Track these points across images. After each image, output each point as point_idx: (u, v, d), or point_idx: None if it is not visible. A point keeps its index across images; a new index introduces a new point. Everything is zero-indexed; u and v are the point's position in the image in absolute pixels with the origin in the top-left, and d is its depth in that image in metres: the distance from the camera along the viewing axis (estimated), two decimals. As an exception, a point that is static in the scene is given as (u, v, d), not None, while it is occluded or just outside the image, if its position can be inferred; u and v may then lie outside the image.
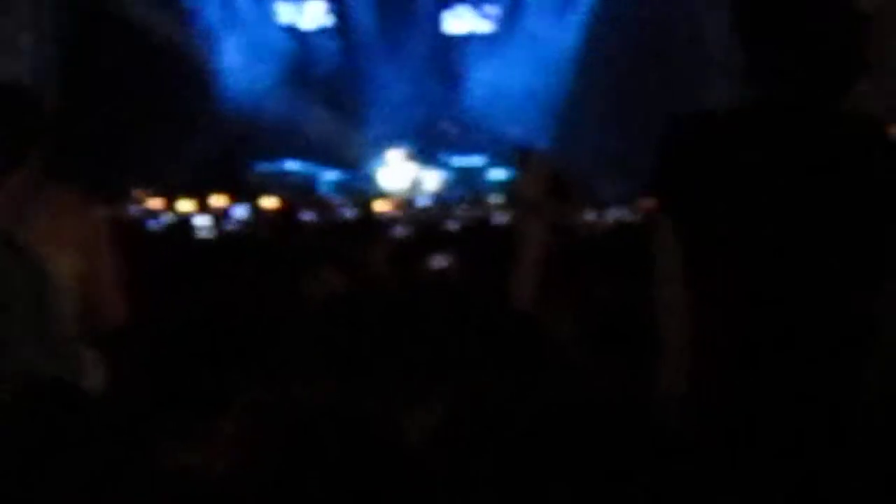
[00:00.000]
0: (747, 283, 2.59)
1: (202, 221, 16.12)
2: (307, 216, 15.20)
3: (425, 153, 23.06)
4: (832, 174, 2.59)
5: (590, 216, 15.15)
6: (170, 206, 19.62)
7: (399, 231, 11.36)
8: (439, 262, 5.85)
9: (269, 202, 18.98)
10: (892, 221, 2.60)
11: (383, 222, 11.15)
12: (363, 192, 21.58)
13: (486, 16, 24.11)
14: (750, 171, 2.59)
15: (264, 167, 22.90)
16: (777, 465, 2.53)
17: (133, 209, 19.15)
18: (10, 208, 3.47)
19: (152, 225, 14.93)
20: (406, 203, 21.19)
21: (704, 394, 2.61)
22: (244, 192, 20.34)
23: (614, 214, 14.88)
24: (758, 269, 2.58)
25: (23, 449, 2.13)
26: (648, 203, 2.84)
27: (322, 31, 24.17)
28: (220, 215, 18.62)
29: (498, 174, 22.07)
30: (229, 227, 16.64)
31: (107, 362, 3.50)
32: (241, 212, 19.22)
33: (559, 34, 23.14)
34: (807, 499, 2.52)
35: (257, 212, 18.69)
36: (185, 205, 19.57)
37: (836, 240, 2.57)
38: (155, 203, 19.83)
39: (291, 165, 23.19)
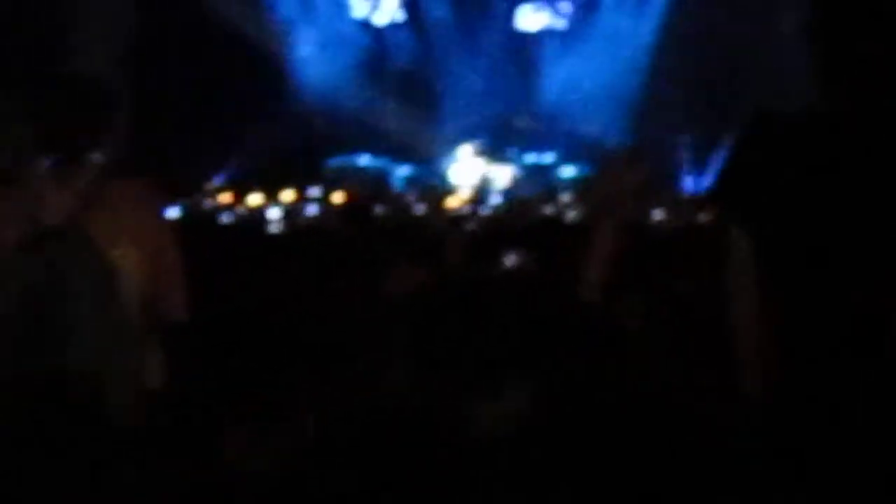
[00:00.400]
0: (816, 289, 2.55)
1: (274, 215, 16.22)
2: (379, 210, 15.24)
3: (498, 149, 23.04)
4: None
5: (666, 214, 15.08)
6: (241, 200, 19.74)
7: (471, 226, 11.35)
8: (511, 258, 5.83)
9: (341, 196, 19.05)
10: None
11: (455, 218, 11.15)
12: (435, 187, 21.60)
13: (559, 12, 24.05)
14: (818, 175, 2.55)
15: (337, 161, 23.00)
16: (857, 468, 2.48)
17: (205, 203, 19.29)
18: (78, 199, 3.47)
19: (224, 218, 15.04)
20: (478, 199, 21.19)
21: (778, 393, 2.57)
22: (317, 185, 20.43)
23: (690, 213, 14.80)
24: (825, 274, 2.54)
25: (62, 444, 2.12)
26: (716, 204, 2.80)
27: (396, 26, 24.23)
28: (293, 209, 18.72)
29: (569, 171, 22.01)
30: (301, 220, 16.72)
31: (170, 356, 3.50)
32: (313, 206, 19.30)
33: (635, 30, 23.03)
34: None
35: (329, 205, 18.76)
36: (256, 198, 19.68)
37: None
38: (226, 197, 19.95)
39: (364, 160, 23.27)
